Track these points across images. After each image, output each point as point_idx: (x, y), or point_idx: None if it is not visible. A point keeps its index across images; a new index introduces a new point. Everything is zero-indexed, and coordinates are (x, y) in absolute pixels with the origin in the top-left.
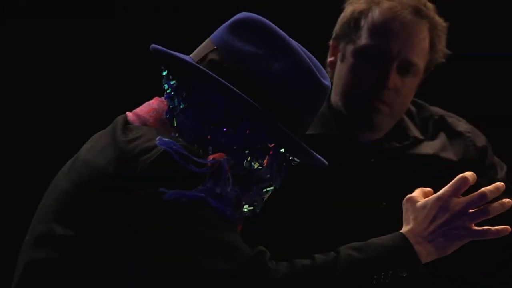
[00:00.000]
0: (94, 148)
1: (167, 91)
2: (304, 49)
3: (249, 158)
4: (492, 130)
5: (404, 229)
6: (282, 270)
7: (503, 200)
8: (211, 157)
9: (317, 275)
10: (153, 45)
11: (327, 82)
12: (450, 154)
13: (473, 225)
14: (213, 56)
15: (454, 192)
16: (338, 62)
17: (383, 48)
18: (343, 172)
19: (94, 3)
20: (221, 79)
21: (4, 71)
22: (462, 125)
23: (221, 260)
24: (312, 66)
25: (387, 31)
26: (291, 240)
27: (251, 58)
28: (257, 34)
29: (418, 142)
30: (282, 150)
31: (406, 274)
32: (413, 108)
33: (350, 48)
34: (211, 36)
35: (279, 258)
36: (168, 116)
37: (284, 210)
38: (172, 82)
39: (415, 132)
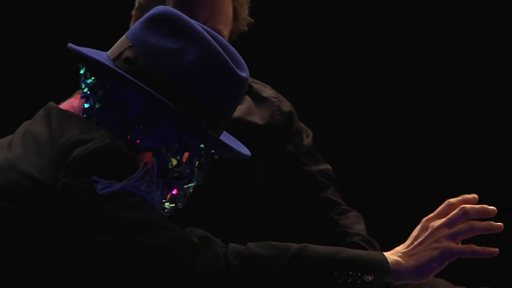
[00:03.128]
0: (27, 139)
1: (84, 90)
2: (222, 40)
3: (168, 156)
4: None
5: None
6: (233, 245)
7: (491, 222)
8: (142, 160)
9: (269, 251)
10: (69, 44)
11: (244, 74)
12: (256, 118)
13: (459, 242)
14: (128, 53)
15: (437, 215)
16: None
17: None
18: None
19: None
20: (133, 79)
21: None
22: (267, 91)
23: (163, 233)
24: (226, 57)
25: (193, 1)
26: None
27: (166, 53)
28: (171, 28)
29: None
30: (202, 146)
31: (372, 278)
32: None
33: None
34: (127, 32)
35: None
36: (85, 115)
37: None
38: (89, 81)
39: None
